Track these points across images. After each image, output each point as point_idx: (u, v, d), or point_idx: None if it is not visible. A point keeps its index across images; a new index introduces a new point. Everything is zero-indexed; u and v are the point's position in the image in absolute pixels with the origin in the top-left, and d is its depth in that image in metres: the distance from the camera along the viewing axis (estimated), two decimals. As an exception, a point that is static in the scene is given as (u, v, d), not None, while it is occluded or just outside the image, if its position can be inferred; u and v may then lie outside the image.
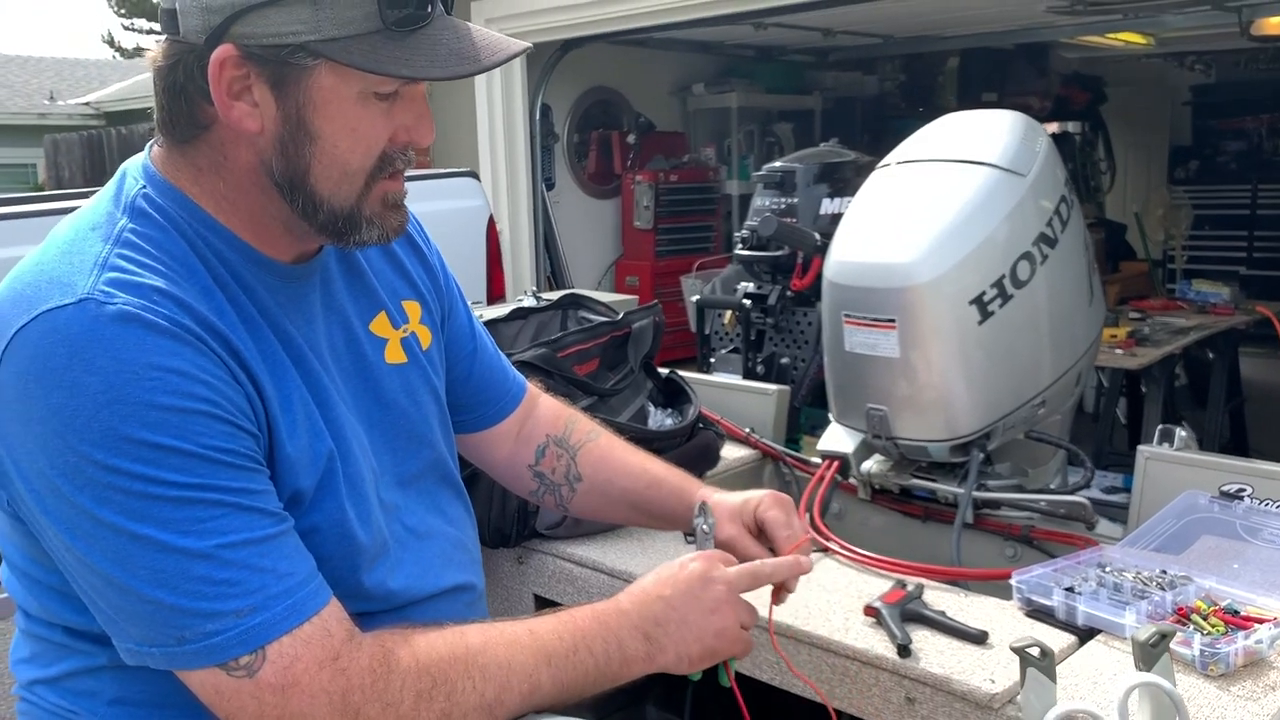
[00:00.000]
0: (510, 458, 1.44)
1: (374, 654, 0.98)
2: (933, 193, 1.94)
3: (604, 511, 1.48)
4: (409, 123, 1.05)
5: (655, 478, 1.41)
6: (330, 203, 1.04)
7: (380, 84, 1.00)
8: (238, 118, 1.00)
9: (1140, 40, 5.99)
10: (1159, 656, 1.08)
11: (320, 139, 1.01)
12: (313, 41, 0.96)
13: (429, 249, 1.34)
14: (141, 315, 0.94)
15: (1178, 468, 1.83)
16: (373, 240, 1.08)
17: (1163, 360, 4.07)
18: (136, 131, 9.64)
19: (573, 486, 1.43)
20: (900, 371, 1.91)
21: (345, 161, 1.03)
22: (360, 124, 1.02)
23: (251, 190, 1.05)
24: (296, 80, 0.99)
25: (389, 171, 1.06)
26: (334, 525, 1.06)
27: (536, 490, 1.45)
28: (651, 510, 1.40)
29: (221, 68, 0.98)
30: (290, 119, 1.00)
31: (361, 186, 1.05)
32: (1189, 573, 1.51)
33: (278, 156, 1.02)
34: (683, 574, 1.12)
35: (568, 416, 1.47)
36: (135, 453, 0.90)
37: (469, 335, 1.38)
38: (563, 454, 1.42)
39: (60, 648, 1.07)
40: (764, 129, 6.54)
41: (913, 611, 1.51)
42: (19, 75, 16.21)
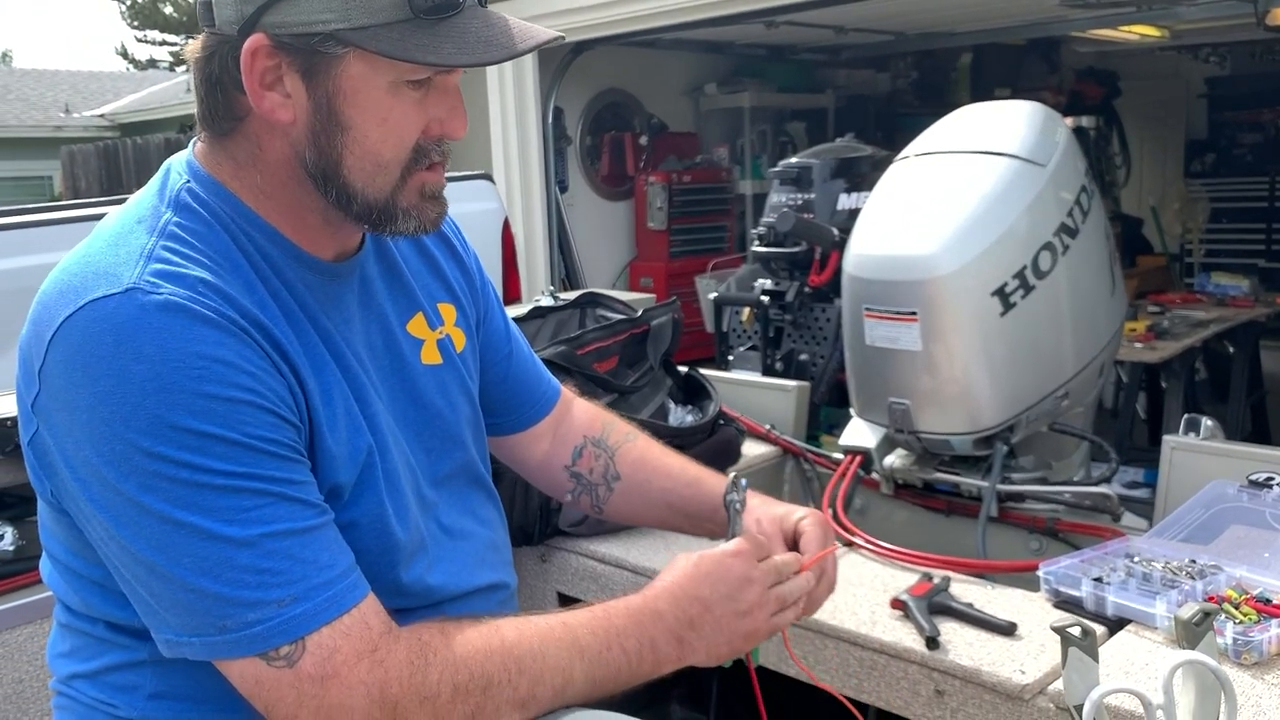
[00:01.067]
0: (545, 460, 1.43)
1: (411, 647, 0.98)
2: (952, 184, 1.93)
3: (640, 513, 1.46)
4: (442, 115, 1.05)
5: (694, 477, 1.39)
6: (365, 194, 1.04)
7: (410, 73, 1.00)
8: (270, 108, 1.01)
9: (1154, 33, 5.95)
10: (1203, 635, 1.07)
11: (351, 129, 1.01)
12: (342, 30, 0.96)
13: (466, 253, 1.34)
14: (187, 305, 0.94)
15: (1204, 457, 1.82)
16: (409, 231, 1.08)
17: (1183, 354, 4.04)
18: (151, 142, 9.69)
19: (610, 486, 1.42)
20: (922, 365, 1.90)
21: (377, 152, 1.02)
22: (391, 114, 1.01)
23: (288, 183, 1.05)
24: (327, 69, 0.99)
25: (425, 164, 1.06)
26: (373, 521, 1.06)
27: (573, 490, 1.43)
28: (688, 510, 1.38)
29: (254, 58, 0.98)
30: (321, 109, 1.00)
31: (397, 179, 1.04)
32: (1219, 562, 1.50)
33: (310, 148, 1.02)
34: (721, 572, 1.10)
35: (604, 419, 1.46)
36: (181, 440, 0.91)
37: (505, 338, 1.38)
38: (600, 454, 1.42)
39: (100, 642, 1.07)
40: (777, 128, 6.52)
41: (940, 604, 1.50)
42: (34, 89, 16.32)
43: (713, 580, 1.10)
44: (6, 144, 13.88)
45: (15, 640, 1.66)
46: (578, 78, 5.48)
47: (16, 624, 1.66)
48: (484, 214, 4.19)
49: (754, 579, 1.11)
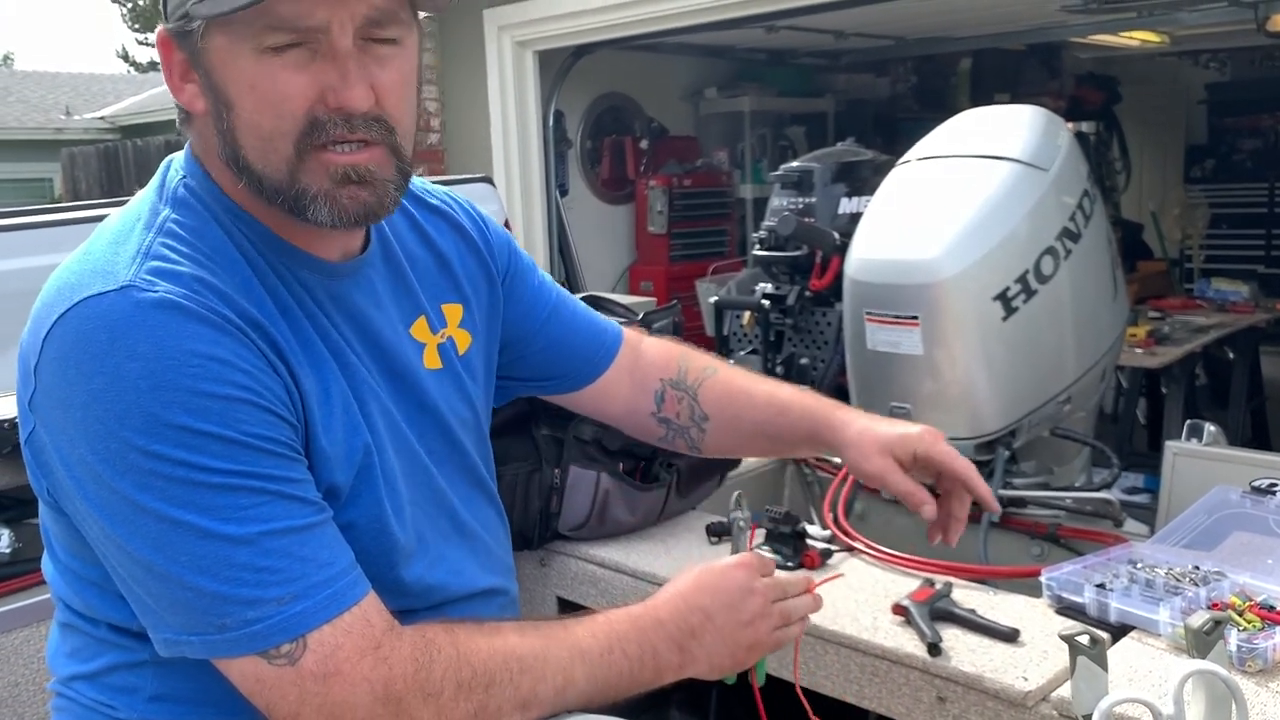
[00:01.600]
0: (629, 408, 1.41)
1: (415, 644, 0.97)
2: (954, 188, 1.93)
3: (739, 446, 1.47)
4: (333, 82, 0.97)
5: (783, 405, 1.37)
6: (265, 175, 0.99)
7: (262, 36, 0.95)
8: (188, 100, 1.02)
9: (1155, 38, 5.96)
10: (1214, 644, 1.06)
11: (233, 106, 0.98)
12: (193, 3, 0.96)
13: (487, 237, 1.31)
14: (182, 304, 0.94)
15: (1207, 463, 1.82)
16: (327, 220, 1.00)
17: (1183, 359, 4.04)
18: (152, 144, 9.68)
19: (700, 427, 1.40)
20: (924, 369, 1.90)
21: (257, 124, 0.98)
22: (260, 82, 0.96)
23: (228, 175, 1.03)
24: (201, 49, 0.98)
25: (322, 138, 0.98)
26: (371, 520, 1.06)
27: (666, 436, 1.42)
28: (783, 438, 1.37)
29: (166, 52, 1.01)
30: (208, 89, 1.00)
31: (290, 154, 0.98)
32: (1222, 568, 1.49)
33: (216, 134, 1.01)
34: (724, 583, 1.11)
35: (678, 356, 1.43)
36: (177, 438, 0.90)
37: (542, 301, 1.36)
38: (682, 396, 1.39)
39: (101, 643, 1.07)
40: (776, 132, 6.53)
41: (942, 610, 1.49)
42: (35, 91, 16.32)
43: (715, 590, 1.10)
44: (7, 146, 13.88)
45: (12, 643, 1.65)
46: (578, 81, 5.48)
47: (13, 627, 1.65)
48: (484, 217, 4.17)
49: (756, 590, 1.11)
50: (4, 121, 14.32)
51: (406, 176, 1.06)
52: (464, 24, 5.05)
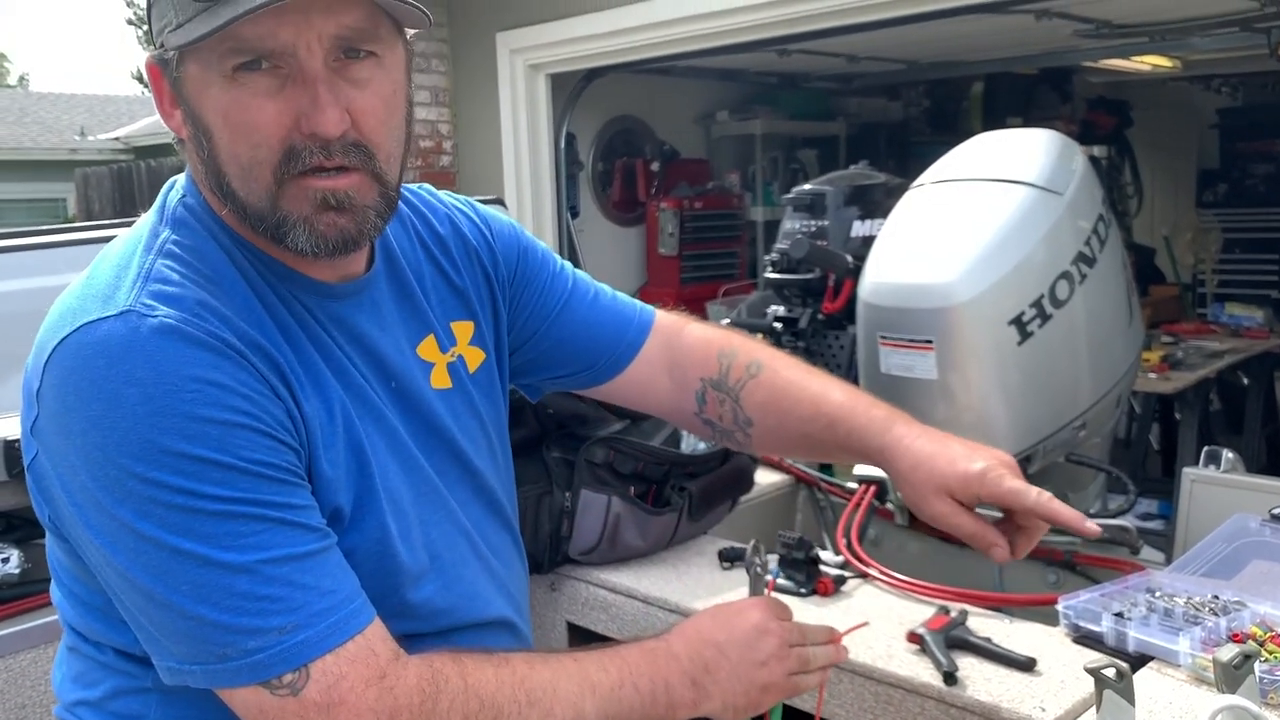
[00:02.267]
0: (675, 406, 1.36)
1: (421, 673, 0.96)
2: (969, 212, 1.92)
3: (787, 449, 1.45)
4: (304, 108, 0.95)
5: (830, 416, 1.27)
6: (248, 203, 0.99)
7: (225, 60, 0.94)
8: (176, 127, 1.02)
9: (1166, 63, 5.96)
10: (1243, 679, 1.04)
11: (211, 133, 0.98)
12: (168, 31, 0.96)
13: (491, 241, 1.27)
14: (181, 328, 0.93)
15: (1225, 490, 1.79)
16: (308, 247, 0.99)
17: (1197, 385, 4.02)
18: (165, 165, 9.74)
19: (745, 431, 1.33)
20: (938, 394, 1.88)
21: (233, 153, 0.97)
22: (230, 110, 0.95)
23: (216, 201, 1.03)
24: (178, 77, 0.98)
25: (299, 167, 0.96)
26: (375, 543, 1.04)
27: (714, 436, 1.38)
28: (829, 450, 1.32)
29: (153, 80, 1.01)
30: (189, 118, 0.99)
31: (270, 182, 0.97)
32: (1242, 598, 1.47)
33: (199, 162, 1.01)
34: (739, 621, 1.10)
35: (719, 350, 1.35)
36: (176, 465, 0.89)
37: (554, 296, 1.32)
38: (724, 398, 1.33)
39: (106, 668, 1.06)
40: (788, 155, 6.54)
41: (957, 638, 1.47)
42: (51, 112, 16.46)
43: (729, 627, 1.09)
44: (22, 166, 13.99)
45: (19, 665, 1.64)
46: (590, 104, 5.50)
47: (21, 648, 1.64)
48: (495, 239, 4.18)
49: (771, 630, 1.10)
50: (20, 142, 14.44)
51: (392, 203, 1.04)
52: (477, 47, 5.08)
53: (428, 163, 5.22)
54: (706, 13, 4.16)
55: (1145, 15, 4.56)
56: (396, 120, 1.02)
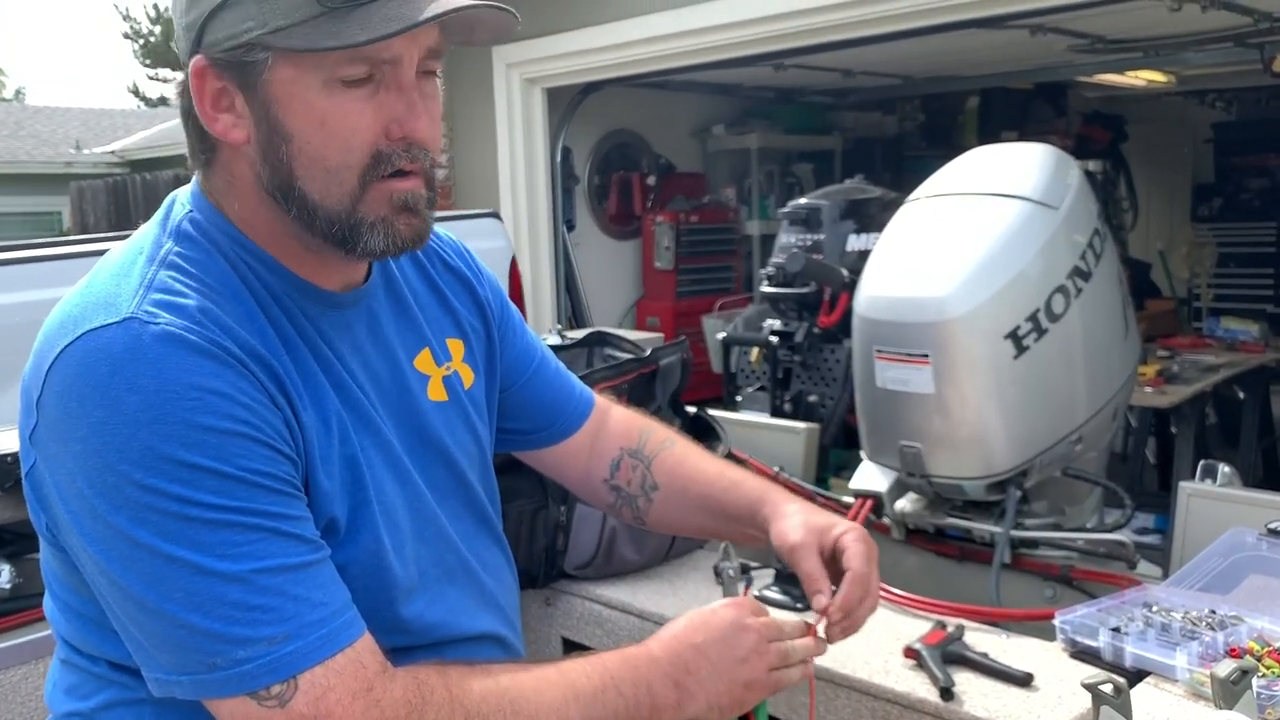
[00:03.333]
0: (585, 473, 1.41)
1: (408, 686, 0.95)
2: (965, 226, 1.92)
3: (682, 521, 1.42)
4: (399, 114, 0.99)
5: (732, 481, 1.36)
6: (324, 206, 1.00)
7: (337, 68, 0.96)
8: (224, 130, 1.00)
9: (1161, 78, 5.98)
10: (1241, 694, 1.04)
11: (294, 137, 0.98)
12: (262, 35, 0.95)
13: (479, 281, 1.31)
14: (184, 336, 0.93)
15: (1221, 505, 1.79)
16: (379, 248, 1.02)
17: (1193, 399, 4.02)
18: (160, 178, 9.75)
19: (649, 496, 1.39)
20: (934, 407, 1.88)
21: (323, 158, 0.98)
22: (329, 116, 0.97)
23: (260, 208, 1.03)
24: (260, 79, 0.97)
25: (387, 170, 1.00)
26: (370, 556, 1.04)
27: (614, 504, 1.41)
28: (728, 513, 1.34)
29: (201, 80, 0.99)
30: (263, 121, 0.99)
31: (354, 186, 0.99)
32: (1239, 612, 1.46)
33: (264, 164, 1.00)
34: (715, 620, 1.10)
35: (641, 427, 1.43)
36: (173, 473, 0.89)
37: (528, 357, 1.36)
38: (637, 465, 1.39)
39: (99, 679, 1.05)
40: (784, 169, 6.55)
41: (954, 653, 1.47)
42: (46, 125, 16.46)
43: (707, 627, 1.09)
44: (18, 180, 13.98)
45: (10, 680, 1.63)
46: (586, 118, 5.51)
47: (11, 664, 1.63)
48: (492, 252, 4.19)
49: (749, 626, 1.09)
50: (15, 155, 14.44)
51: (434, 206, 1.08)
52: (473, 60, 5.09)
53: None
54: (702, 28, 4.16)
55: (1140, 30, 4.58)
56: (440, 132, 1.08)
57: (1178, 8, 3.64)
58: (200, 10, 0.97)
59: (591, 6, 4.55)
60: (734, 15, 4.04)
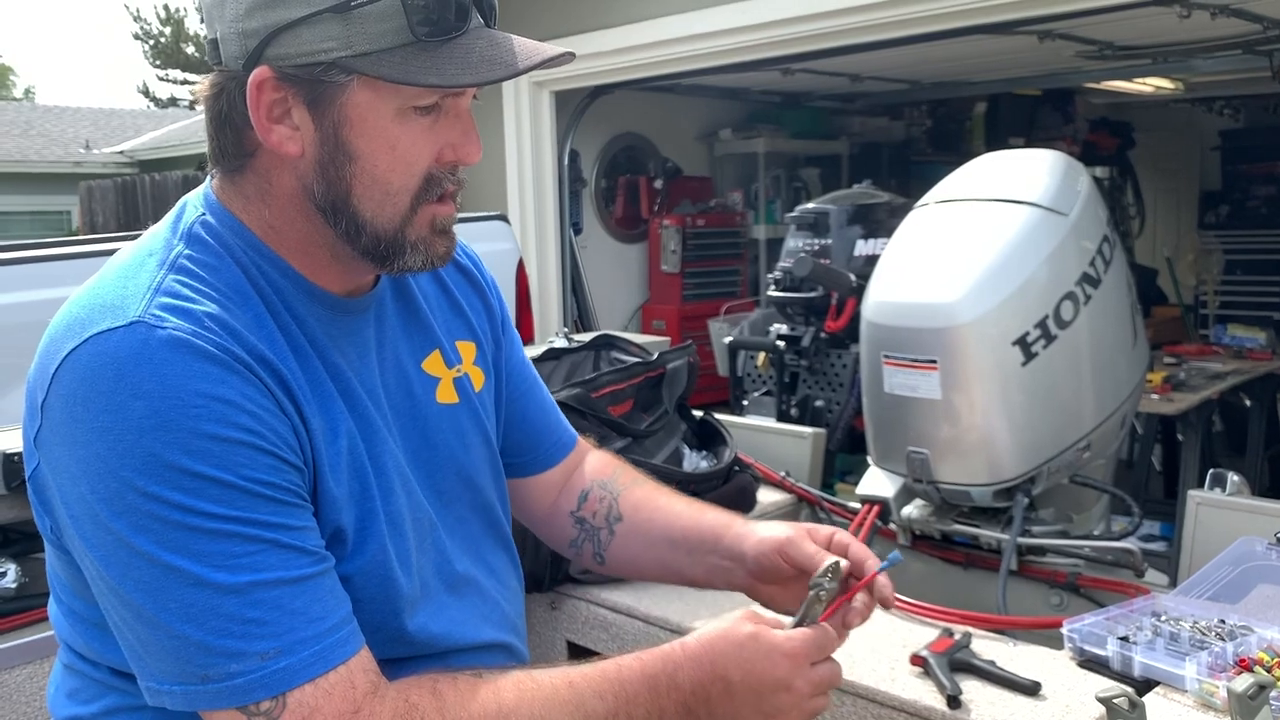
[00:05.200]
0: (551, 509, 1.38)
1: (398, 709, 0.93)
2: (973, 232, 1.92)
3: (640, 555, 1.35)
4: (454, 139, 1.02)
5: (699, 511, 1.31)
6: (373, 225, 1.01)
7: (416, 97, 0.97)
8: (278, 141, 0.99)
9: (1169, 85, 5.98)
10: (1259, 709, 1.03)
11: (360, 159, 0.99)
12: (345, 57, 0.94)
13: (489, 288, 1.31)
14: (191, 341, 0.92)
15: (1230, 513, 1.78)
16: (417, 266, 1.04)
17: (1199, 406, 4.00)
18: (169, 178, 9.76)
19: (611, 529, 1.35)
20: (942, 414, 1.87)
21: (386, 181, 1.00)
22: (400, 141, 0.99)
23: (297, 218, 1.03)
24: (332, 99, 0.97)
25: (436, 194, 1.03)
26: (376, 567, 1.03)
27: (576, 539, 1.37)
28: (691, 542, 1.28)
29: (260, 91, 0.97)
30: (329, 139, 0.98)
31: (406, 209, 1.01)
32: (1248, 622, 1.46)
33: (318, 179, 1.00)
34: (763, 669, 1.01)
35: (616, 465, 1.41)
36: (176, 480, 0.88)
37: (521, 376, 1.34)
38: (605, 496, 1.36)
39: (101, 685, 1.04)
40: (790, 174, 6.56)
41: (961, 661, 1.46)
42: (56, 125, 16.51)
43: (748, 670, 1.01)
44: (27, 179, 14.01)
45: (14, 681, 1.63)
46: (594, 121, 5.52)
47: (16, 664, 1.63)
48: (499, 254, 4.19)
49: (794, 688, 1.01)
50: (25, 154, 14.48)
51: None
52: (481, 63, 5.09)
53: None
54: (710, 32, 4.17)
55: (1148, 37, 4.57)
56: None
57: (1187, 15, 3.63)
58: (269, 21, 0.95)
59: (600, 10, 4.55)
60: (742, 20, 4.04)
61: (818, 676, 1.03)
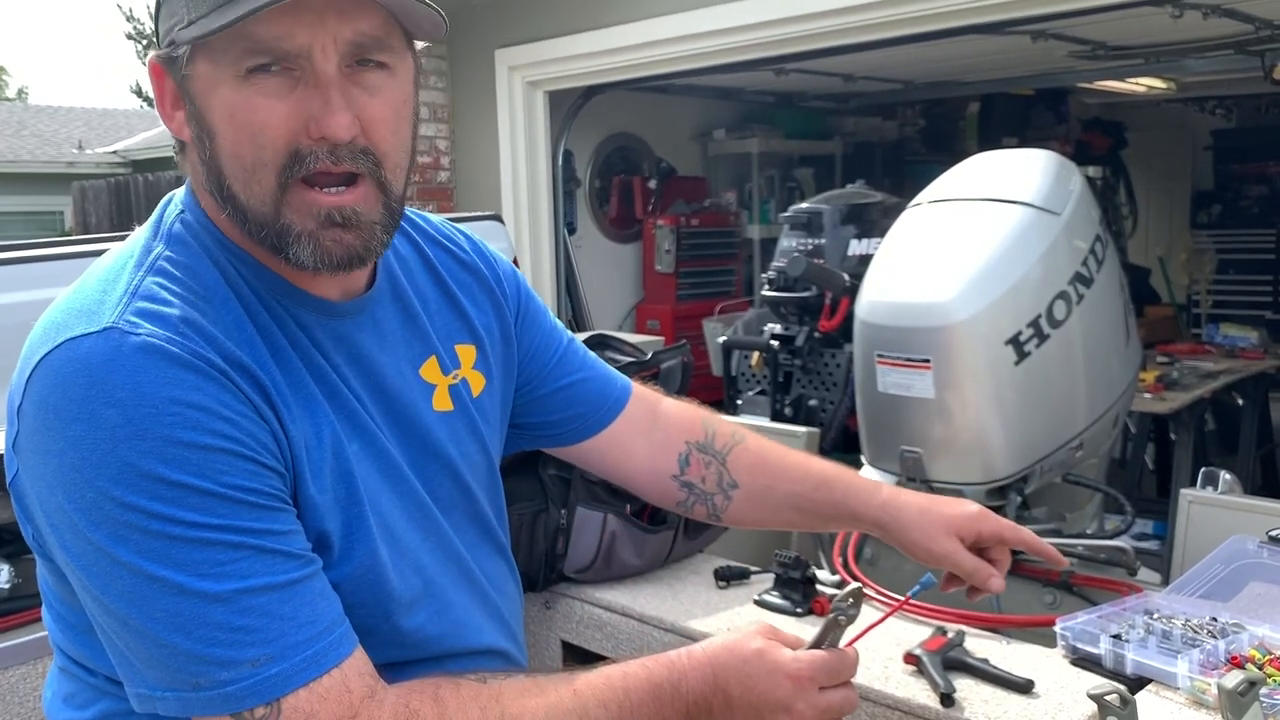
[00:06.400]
0: (649, 468, 1.35)
1: (396, 713, 0.92)
2: (966, 231, 1.93)
3: (766, 518, 1.38)
4: (316, 110, 0.92)
5: (823, 478, 1.32)
6: (249, 207, 0.96)
7: (241, 60, 0.92)
8: (177, 129, 0.99)
9: (1161, 85, 5.99)
10: (1249, 706, 1.03)
11: (215, 134, 0.95)
12: (179, 28, 0.93)
13: (497, 276, 1.26)
14: (165, 347, 0.90)
15: (1222, 512, 1.79)
16: (309, 262, 0.96)
17: (1192, 405, 4.02)
18: (163, 179, 9.72)
19: (728, 495, 1.34)
20: (935, 413, 1.88)
21: (238, 155, 0.94)
22: (238, 109, 0.93)
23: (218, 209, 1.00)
24: (184, 75, 0.95)
25: (304, 170, 0.94)
26: (365, 571, 1.01)
27: (685, 501, 1.35)
28: (820, 513, 1.32)
29: (156, 80, 0.99)
30: (193, 118, 0.97)
31: (273, 186, 0.94)
32: (1240, 620, 1.46)
33: (200, 163, 0.98)
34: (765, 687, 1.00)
35: (704, 419, 1.37)
36: (154, 490, 0.87)
37: (550, 348, 1.31)
38: (710, 460, 1.33)
39: (95, 690, 1.03)
40: (784, 174, 6.57)
41: (955, 659, 1.46)
42: (49, 125, 16.45)
43: (749, 688, 1.00)
44: (20, 179, 13.96)
45: (9, 681, 1.62)
46: (588, 121, 5.52)
47: (10, 664, 1.62)
48: (493, 254, 4.19)
49: (795, 710, 1.00)
50: (17, 154, 14.43)
51: (396, 216, 1.02)
52: (476, 63, 5.09)
53: (425, 178, 5.23)
54: (704, 32, 4.17)
55: (1141, 37, 4.59)
56: (405, 131, 1.01)
57: (1179, 15, 3.65)
58: (153, 10, 0.97)
59: (593, 10, 4.55)
60: (735, 20, 4.04)
61: (825, 702, 1.02)
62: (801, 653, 1.03)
